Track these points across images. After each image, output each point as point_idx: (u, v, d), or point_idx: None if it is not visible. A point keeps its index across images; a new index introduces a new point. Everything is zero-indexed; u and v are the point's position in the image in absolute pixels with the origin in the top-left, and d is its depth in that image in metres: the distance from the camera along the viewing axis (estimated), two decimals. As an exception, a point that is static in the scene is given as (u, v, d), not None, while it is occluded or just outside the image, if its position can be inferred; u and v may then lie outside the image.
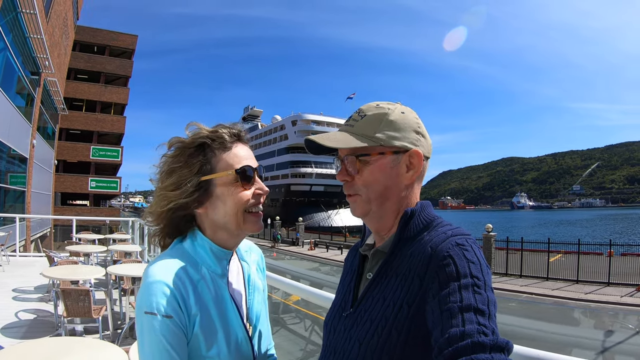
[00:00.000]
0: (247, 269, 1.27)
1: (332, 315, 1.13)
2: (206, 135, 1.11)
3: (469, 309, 0.77)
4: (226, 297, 1.11)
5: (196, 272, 1.07)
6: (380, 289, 0.98)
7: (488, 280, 0.85)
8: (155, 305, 0.95)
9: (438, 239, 0.93)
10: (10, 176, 16.16)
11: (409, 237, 1.00)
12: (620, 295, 17.67)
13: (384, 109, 1.06)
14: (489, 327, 0.75)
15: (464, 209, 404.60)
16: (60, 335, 4.81)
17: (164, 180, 1.11)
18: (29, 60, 16.28)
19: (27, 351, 2.34)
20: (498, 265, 23.39)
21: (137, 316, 0.98)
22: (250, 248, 1.38)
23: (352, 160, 1.04)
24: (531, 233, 78.03)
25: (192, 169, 1.09)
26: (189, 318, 1.00)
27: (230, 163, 1.11)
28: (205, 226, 1.15)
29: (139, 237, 11.22)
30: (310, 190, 76.26)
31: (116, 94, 38.18)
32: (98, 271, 5.79)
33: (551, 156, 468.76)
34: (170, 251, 1.12)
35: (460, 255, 0.86)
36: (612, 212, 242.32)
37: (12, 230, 11.08)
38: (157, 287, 0.97)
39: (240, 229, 1.12)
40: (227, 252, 1.16)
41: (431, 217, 1.04)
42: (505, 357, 0.71)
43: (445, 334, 0.76)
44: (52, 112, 24.48)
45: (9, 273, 8.40)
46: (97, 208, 37.00)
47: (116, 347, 2.40)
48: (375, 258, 1.07)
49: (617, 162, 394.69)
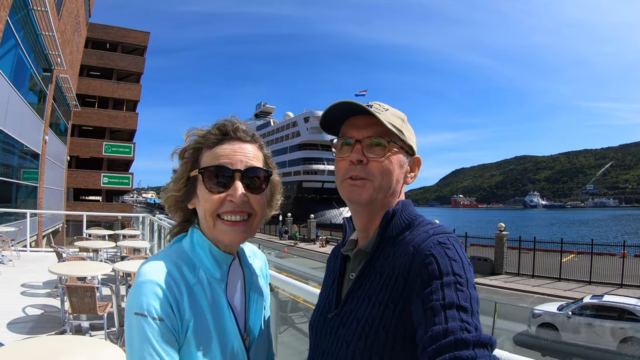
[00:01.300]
0: (248, 275, 1.20)
1: (317, 317, 1.11)
2: (196, 140, 1.09)
3: (451, 306, 0.78)
4: (223, 304, 1.04)
5: (193, 275, 1.02)
6: (365, 289, 0.97)
7: (470, 277, 0.86)
8: (145, 307, 0.90)
9: (420, 238, 0.94)
10: (23, 172, 16.36)
11: (392, 236, 1.01)
12: (634, 297, 17.41)
13: (400, 112, 1.09)
14: (471, 323, 0.76)
15: (476, 207, 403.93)
16: (66, 332, 4.85)
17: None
18: (41, 57, 16.42)
19: (26, 349, 2.33)
20: (510, 265, 23.28)
21: (127, 316, 0.92)
22: (254, 253, 1.31)
23: (371, 143, 1.03)
24: (544, 233, 77.38)
25: (186, 166, 1.09)
26: (182, 323, 0.94)
27: (208, 162, 1.06)
28: (200, 223, 1.11)
29: (149, 233, 11.25)
30: (322, 187, 76.26)
31: (128, 91, 38.45)
32: (105, 267, 5.80)
33: (564, 155, 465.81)
34: (168, 250, 1.08)
35: (442, 253, 0.87)
36: (626, 212, 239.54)
37: (22, 226, 11.19)
38: (149, 288, 0.92)
39: (212, 234, 1.06)
40: (227, 256, 1.10)
41: (413, 216, 1.04)
42: (488, 353, 0.72)
43: (428, 331, 0.77)
44: (64, 109, 24.74)
45: (19, 268, 8.48)
46: (109, 204, 37.33)
47: (116, 347, 2.38)
48: (358, 258, 1.07)
49: (631, 162, 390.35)
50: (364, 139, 1.03)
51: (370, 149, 1.03)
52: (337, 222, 63.88)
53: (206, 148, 1.07)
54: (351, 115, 1.07)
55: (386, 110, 1.05)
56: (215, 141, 1.07)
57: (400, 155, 1.05)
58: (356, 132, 1.04)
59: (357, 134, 1.04)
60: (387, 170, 1.02)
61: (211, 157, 1.05)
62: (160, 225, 9.70)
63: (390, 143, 1.03)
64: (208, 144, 1.07)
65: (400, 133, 1.04)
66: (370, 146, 1.03)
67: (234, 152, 1.06)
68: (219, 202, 1.03)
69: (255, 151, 1.11)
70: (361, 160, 1.02)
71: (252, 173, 1.07)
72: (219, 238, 1.06)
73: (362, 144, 1.03)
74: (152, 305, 0.90)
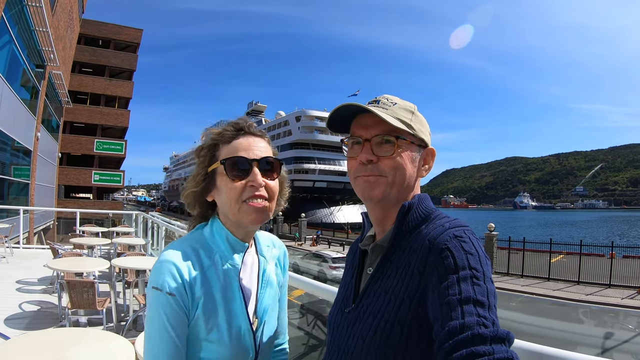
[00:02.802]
0: (263, 263, 1.27)
1: (335, 312, 1.13)
2: (213, 137, 1.19)
3: (468, 301, 0.77)
4: (234, 287, 1.14)
5: (208, 259, 1.13)
6: (381, 284, 0.98)
7: (487, 271, 0.85)
8: (161, 282, 1.02)
9: (436, 231, 0.94)
10: (14, 168, 16.16)
11: (408, 230, 1.01)
12: (621, 297, 17.70)
13: (409, 104, 1.10)
14: (488, 318, 0.75)
15: (466, 207, 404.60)
16: (65, 327, 4.82)
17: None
18: (34, 53, 16.26)
19: (34, 342, 2.34)
20: (500, 265, 23.39)
21: (147, 290, 1.06)
22: (272, 243, 1.40)
23: (381, 141, 1.03)
24: (533, 233, 77.85)
25: (204, 162, 1.18)
26: (193, 300, 1.06)
27: (227, 154, 1.15)
28: (220, 213, 1.20)
29: (142, 230, 11.24)
30: (313, 186, 75.81)
31: (120, 88, 38.11)
32: (102, 264, 5.80)
33: (555, 156, 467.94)
34: (189, 235, 1.20)
35: (458, 247, 0.87)
36: (615, 214, 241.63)
37: (16, 222, 11.12)
38: (166, 267, 1.04)
39: (237, 218, 1.14)
40: (243, 244, 1.19)
41: (429, 210, 1.04)
42: (506, 348, 0.71)
43: (445, 327, 0.76)
44: (56, 105, 24.47)
45: (13, 265, 8.45)
46: (100, 201, 37.01)
47: (123, 339, 2.41)
48: (375, 252, 1.08)
49: (620, 164, 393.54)
50: (373, 138, 1.03)
51: (379, 147, 1.03)
52: (328, 221, 63.76)
53: (223, 143, 1.17)
54: (358, 113, 1.08)
55: (394, 104, 1.06)
56: (231, 136, 1.17)
57: (413, 149, 1.05)
58: (364, 131, 1.05)
59: (365, 133, 1.05)
60: (400, 166, 1.02)
61: (230, 150, 1.15)
62: (154, 223, 9.71)
63: (399, 140, 1.03)
64: (225, 139, 1.17)
65: (410, 128, 1.04)
66: (380, 144, 1.03)
67: (249, 144, 1.17)
68: (242, 188, 1.12)
69: (266, 145, 1.21)
70: (371, 159, 1.02)
71: (267, 161, 1.17)
72: (242, 220, 1.14)
73: (371, 143, 1.03)
74: (167, 281, 1.02)
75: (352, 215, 69.17)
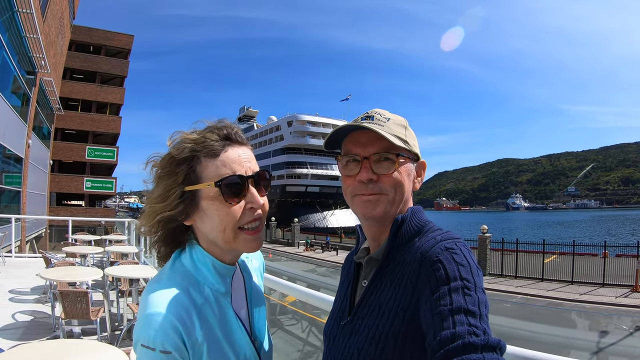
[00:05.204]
0: (248, 279, 1.16)
1: (331, 324, 1.13)
2: (190, 147, 0.97)
3: (459, 311, 0.78)
4: (231, 317, 1.02)
5: (199, 295, 0.97)
6: (376, 297, 0.99)
7: (478, 281, 0.85)
8: (152, 339, 0.85)
9: (428, 244, 0.95)
10: (6, 176, 16.06)
11: (401, 243, 1.02)
12: (615, 296, 17.79)
13: (401, 118, 1.10)
14: (479, 327, 0.76)
15: (459, 210, 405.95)
16: (58, 337, 4.78)
17: (152, 191, 1.00)
18: (25, 60, 16.19)
19: (27, 354, 2.33)
20: (493, 267, 23.46)
21: (135, 347, 0.89)
22: (250, 254, 1.25)
23: (379, 159, 1.02)
24: (526, 234, 78.44)
25: (177, 178, 0.96)
26: (194, 350, 0.90)
27: (217, 172, 0.96)
28: (199, 237, 1.04)
29: (135, 238, 11.17)
30: (305, 191, 76.04)
31: (112, 94, 37.94)
32: (95, 273, 5.76)
33: (546, 157, 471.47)
34: (169, 271, 1.01)
35: (449, 259, 0.88)
36: (607, 213, 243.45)
37: (7, 231, 11.01)
38: (156, 320, 0.87)
39: (231, 247, 0.99)
40: (230, 268, 1.05)
41: (422, 223, 1.05)
42: (498, 357, 0.72)
43: (436, 336, 0.77)
44: (47, 112, 24.35)
45: (4, 274, 8.34)
46: (92, 208, 36.74)
47: (117, 350, 2.39)
48: (370, 265, 1.08)
49: (611, 164, 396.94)
50: (371, 156, 1.01)
51: (378, 165, 1.02)
52: (321, 226, 63.73)
53: (207, 156, 0.97)
54: (352, 130, 1.06)
55: (388, 120, 1.04)
56: (218, 147, 0.97)
57: (408, 165, 1.06)
58: (361, 149, 1.03)
59: (362, 151, 1.02)
60: (399, 183, 1.02)
61: (219, 166, 0.96)
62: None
63: (399, 157, 1.02)
64: (209, 151, 0.96)
65: (406, 144, 1.04)
66: (378, 162, 1.02)
67: (239, 157, 0.99)
68: (240, 213, 0.97)
69: (252, 154, 1.05)
70: (371, 178, 1.01)
71: (261, 176, 1.03)
72: (238, 249, 1.01)
73: (369, 161, 1.02)
74: (159, 337, 0.86)
75: (345, 219, 69.33)
